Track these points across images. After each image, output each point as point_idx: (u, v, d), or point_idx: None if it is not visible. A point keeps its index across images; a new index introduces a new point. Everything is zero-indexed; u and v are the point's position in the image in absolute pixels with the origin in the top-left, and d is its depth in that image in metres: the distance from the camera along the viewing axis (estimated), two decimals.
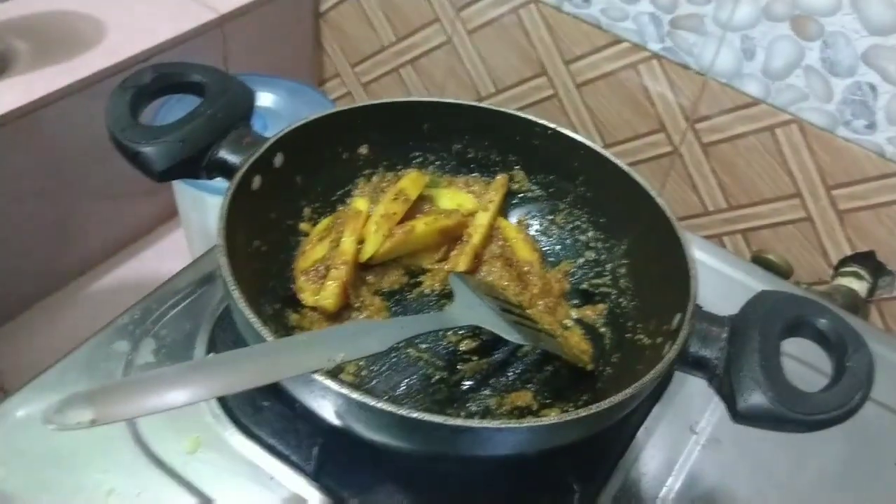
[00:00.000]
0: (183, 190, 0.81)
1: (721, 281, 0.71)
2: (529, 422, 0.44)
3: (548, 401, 0.56)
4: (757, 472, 0.59)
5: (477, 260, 0.64)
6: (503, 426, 0.44)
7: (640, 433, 0.59)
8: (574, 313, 0.62)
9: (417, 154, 0.67)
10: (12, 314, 0.83)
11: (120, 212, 0.89)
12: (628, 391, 0.46)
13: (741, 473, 0.58)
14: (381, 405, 0.43)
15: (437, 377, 0.57)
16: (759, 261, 0.79)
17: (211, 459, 0.53)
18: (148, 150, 0.54)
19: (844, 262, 0.78)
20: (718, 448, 0.59)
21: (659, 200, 0.58)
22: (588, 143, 0.62)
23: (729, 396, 0.48)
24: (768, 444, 0.60)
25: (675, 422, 0.60)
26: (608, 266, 0.64)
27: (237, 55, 0.89)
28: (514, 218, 0.67)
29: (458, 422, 0.43)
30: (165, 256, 0.91)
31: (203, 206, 0.81)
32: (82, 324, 0.80)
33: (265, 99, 0.82)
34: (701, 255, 0.57)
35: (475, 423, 0.43)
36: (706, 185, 0.83)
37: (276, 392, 0.56)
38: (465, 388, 0.56)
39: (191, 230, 0.87)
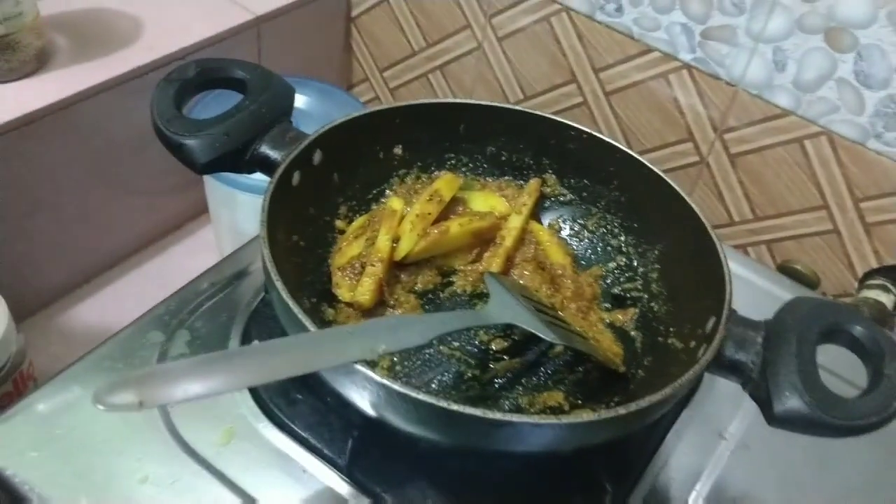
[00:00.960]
0: (214, 186, 0.82)
1: (748, 289, 0.71)
2: (568, 418, 0.45)
3: (579, 401, 0.56)
4: (785, 480, 0.59)
5: (509, 262, 0.64)
6: (542, 421, 0.44)
7: (670, 437, 0.59)
8: (606, 317, 0.62)
9: (451, 155, 0.68)
10: (44, 304, 0.84)
11: (151, 207, 0.90)
12: (666, 391, 0.46)
13: (770, 480, 0.59)
14: (422, 396, 0.43)
15: (468, 375, 0.57)
16: (786, 270, 0.79)
17: (244, 451, 0.54)
18: (192, 142, 0.55)
19: (870, 274, 0.78)
20: (747, 454, 0.59)
21: (694, 206, 0.58)
22: (623, 147, 0.63)
23: (765, 400, 0.49)
24: (797, 452, 0.60)
25: (705, 427, 0.60)
26: (640, 270, 0.64)
27: (270, 56, 0.90)
28: (546, 221, 0.68)
29: (498, 415, 0.43)
30: (194, 252, 0.92)
31: (233, 203, 0.82)
32: (111, 316, 0.81)
33: (297, 100, 0.83)
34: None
35: (514, 417, 0.44)
36: (732, 196, 0.84)
37: (310, 385, 0.57)
38: (496, 386, 0.57)
39: (220, 227, 0.88)
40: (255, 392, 0.56)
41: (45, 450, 0.52)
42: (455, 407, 0.43)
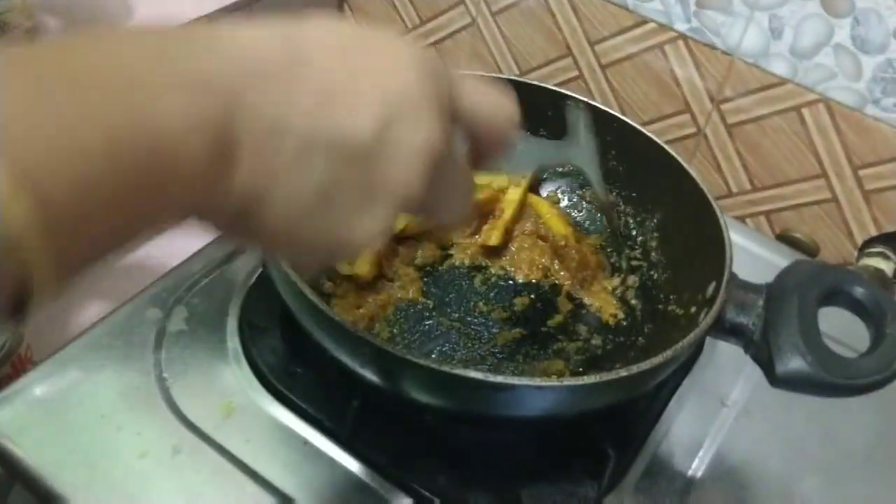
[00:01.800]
0: None
1: (748, 258, 0.70)
2: (569, 380, 0.45)
3: (580, 369, 0.56)
4: (788, 445, 0.59)
5: (507, 235, 0.64)
6: (543, 384, 0.44)
7: (672, 405, 0.59)
8: (607, 285, 0.62)
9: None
10: None
11: None
12: (667, 353, 0.46)
13: (772, 446, 0.58)
14: (424, 361, 0.43)
15: (469, 345, 0.57)
16: (785, 239, 0.79)
17: (245, 424, 0.53)
18: None
19: (870, 242, 0.78)
20: (749, 421, 0.59)
21: (692, 172, 0.58)
22: (621, 116, 0.62)
23: (767, 362, 0.48)
24: (799, 418, 0.60)
25: (706, 394, 0.60)
26: (639, 239, 0.64)
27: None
28: (544, 193, 0.68)
29: (500, 378, 0.43)
30: (195, 234, 0.91)
31: None
32: (109, 298, 0.81)
33: None
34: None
35: (516, 379, 0.44)
36: (730, 167, 0.83)
37: (310, 357, 0.56)
38: (498, 357, 0.57)
39: None
40: (254, 365, 0.56)
41: (44, 427, 0.52)
42: (457, 371, 0.43)
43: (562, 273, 0.61)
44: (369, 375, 0.46)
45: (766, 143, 0.80)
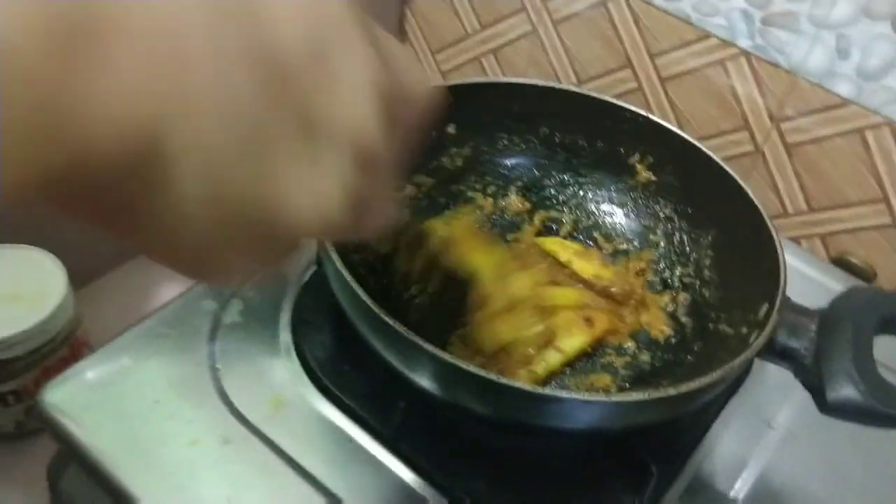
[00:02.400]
0: None
1: (801, 280, 0.70)
2: (616, 396, 0.45)
3: (626, 385, 0.56)
4: (833, 471, 0.58)
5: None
6: (590, 398, 0.44)
7: (717, 424, 0.58)
8: (658, 300, 0.62)
9: (503, 135, 0.68)
10: (99, 272, 0.86)
11: None
12: (716, 374, 0.46)
13: (817, 471, 0.58)
14: (472, 369, 0.43)
15: None
16: (841, 263, 0.78)
17: (292, 419, 0.54)
18: None
19: None
20: (795, 444, 0.59)
21: (749, 192, 0.58)
22: (679, 131, 0.62)
23: (817, 388, 0.48)
24: (845, 444, 0.59)
25: (753, 415, 0.60)
26: (692, 256, 0.63)
27: None
28: (604, 206, 0.67)
29: (546, 391, 0.44)
30: None
31: None
32: (164, 286, 0.83)
33: None
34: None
35: (563, 393, 0.44)
36: (787, 187, 0.82)
37: (360, 357, 0.57)
38: None
39: None
40: (304, 361, 0.57)
41: (101, 410, 0.53)
42: (505, 381, 0.43)
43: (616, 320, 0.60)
44: (417, 378, 0.47)
45: (826, 164, 0.79)
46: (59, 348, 0.68)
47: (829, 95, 0.76)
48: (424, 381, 0.46)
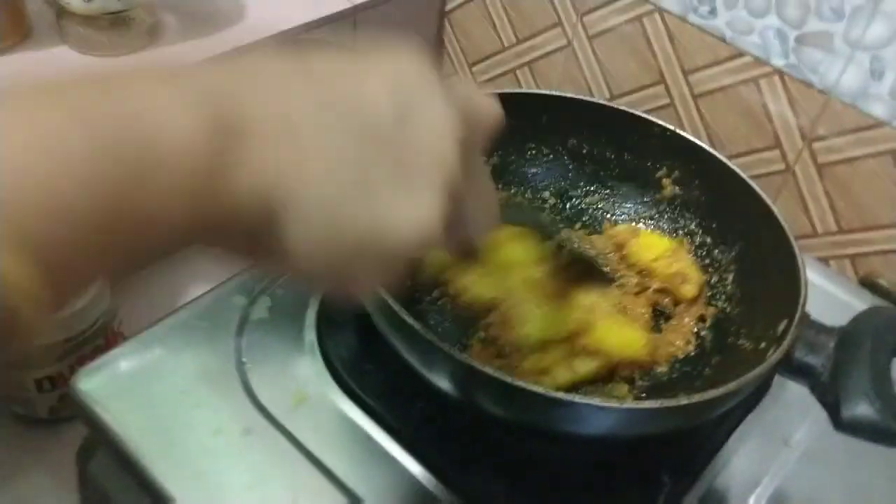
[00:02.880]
0: None
1: (827, 300, 0.70)
2: (630, 403, 0.45)
3: (643, 395, 0.57)
4: (849, 492, 0.58)
5: None
6: (604, 404, 0.45)
7: (733, 440, 0.58)
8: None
9: (532, 146, 0.69)
10: None
11: None
12: (731, 385, 0.46)
13: (833, 492, 0.57)
14: (492, 371, 0.44)
15: None
16: (868, 284, 0.77)
17: (314, 414, 0.56)
18: None
19: None
20: (811, 464, 0.58)
21: (775, 209, 0.58)
22: (706, 147, 0.63)
23: (833, 405, 0.48)
24: (864, 466, 0.59)
25: (770, 433, 0.60)
26: (715, 271, 0.64)
27: (364, 44, 0.93)
28: (629, 218, 0.68)
29: (560, 395, 0.44)
30: None
31: None
32: (197, 283, 0.85)
33: None
34: (808, 272, 0.57)
35: (577, 398, 0.44)
36: (817, 207, 0.82)
37: (382, 357, 0.58)
38: None
39: None
40: (327, 359, 0.58)
41: (129, 397, 0.55)
42: (520, 384, 0.44)
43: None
44: (435, 379, 0.48)
45: (858, 185, 0.78)
46: (94, 338, 0.70)
47: (863, 116, 0.75)
48: (442, 381, 0.47)
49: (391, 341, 0.50)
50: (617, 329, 0.57)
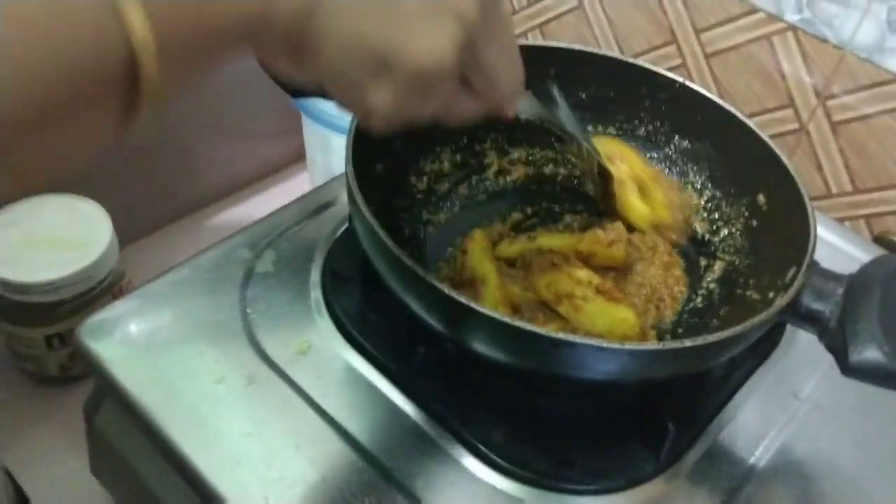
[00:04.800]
0: (311, 129, 0.85)
1: (839, 257, 0.69)
2: (631, 344, 0.45)
3: None
4: (858, 446, 0.57)
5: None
6: (604, 344, 0.44)
7: (742, 392, 0.58)
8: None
9: (540, 100, 0.68)
10: (146, 232, 0.88)
11: (251, 151, 0.94)
12: (736, 329, 0.46)
13: (842, 445, 0.57)
14: (485, 311, 0.44)
15: None
16: (883, 241, 0.76)
17: (317, 363, 0.56)
18: None
19: None
20: (821, 417, 0.58)
21: (786, 161, 0.57)
22: (716, 99, 0.62)
23: (840, 349, 0.47)
24: (874, 420, 0.58)
25: (779, 385, 0.59)
26: (724, 223, 0.63)
27: None
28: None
29: (560, 335, 0.44)
30: (289, 194, 0.95)
31: (328, 146, 0.84)
32: (205, 243, 0.85)
33: None
34: (821, 230, 0.56)
35: (577, 338, 0.44)
36: (832, 166, 0.81)
37: (383, 305, 0.58)
38: None
39: (315, 170, 0.90)
40: (331, 310, 0.58)
41: (131, 347, 0.55)
42: (518, 323, 0.44)
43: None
44: (433, 321, 0.47)
45: (873, 143, 0.77)
46: (103, 295, 0.70)
47: (879, 71, 0.74)
48: (440, 322, 0.47)
49: (390, 284, 0.49)
50: (608, 309, 0.56)
